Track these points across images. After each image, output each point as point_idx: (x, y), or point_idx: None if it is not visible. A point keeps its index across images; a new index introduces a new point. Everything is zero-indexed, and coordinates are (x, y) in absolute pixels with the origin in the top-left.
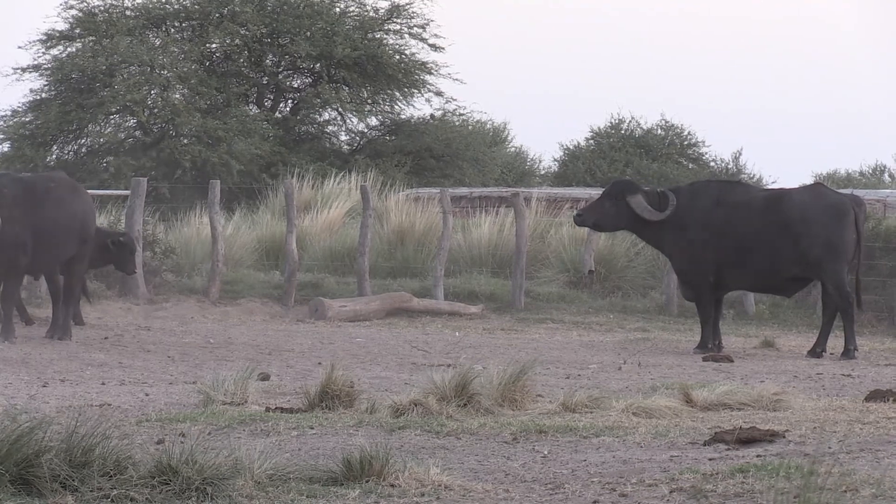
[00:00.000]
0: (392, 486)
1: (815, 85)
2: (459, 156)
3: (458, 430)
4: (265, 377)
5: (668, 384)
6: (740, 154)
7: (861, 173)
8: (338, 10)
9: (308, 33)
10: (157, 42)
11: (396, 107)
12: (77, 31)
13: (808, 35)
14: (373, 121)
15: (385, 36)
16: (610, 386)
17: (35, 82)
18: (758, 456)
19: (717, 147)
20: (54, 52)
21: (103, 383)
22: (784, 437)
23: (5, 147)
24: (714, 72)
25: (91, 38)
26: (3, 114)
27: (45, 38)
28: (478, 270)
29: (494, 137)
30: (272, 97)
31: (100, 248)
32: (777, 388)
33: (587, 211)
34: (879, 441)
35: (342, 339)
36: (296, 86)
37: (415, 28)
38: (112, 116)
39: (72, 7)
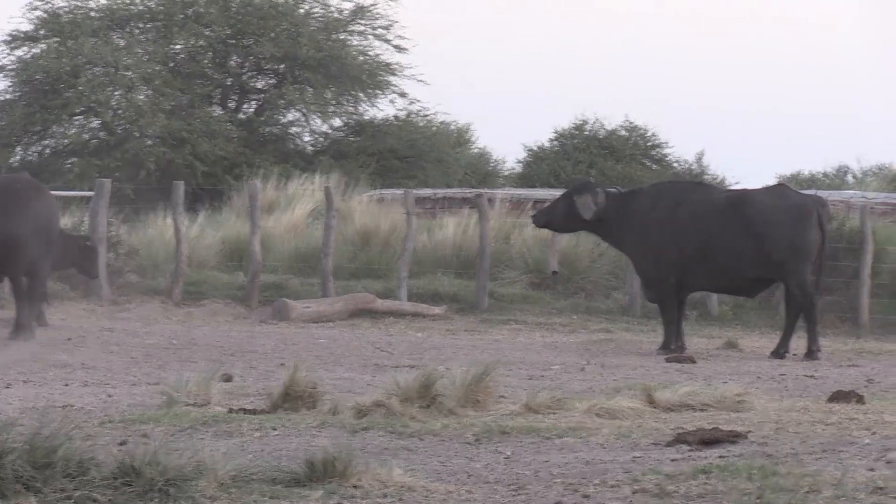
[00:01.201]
0: (355, 487)
1: (779, 86)
2: (423, 157)
3: (420, 431)
4: (228, 378)
5: (631, 385)
6: (703, 155)
7: (824, 174)
8: (302, 11)
9: (272, 34)
10: (122, 43)
11: (360, 108)
12: (41, 32)
13: (772, 36)
14: (336, 122)
15: (349, 37)
16: (573, 387)
17: None
18: (720, 457)
19: (681, 148)
20: (18, 53)
21: (66, 384)
22: (746, 437)
23: None
24: (678, 73)
25: (55, 39)
26: None
27: (9, 39)
28: (441, 271)
29: (458, 138)
30: (236, 98)
31: (64, 251)
32: (740, 389)
33: (542, 211)
34: (842, 442)
35: (305, 341)
36: (260, 87)
37: (379, 29)
38: (76, 117)
39: (36, 8)
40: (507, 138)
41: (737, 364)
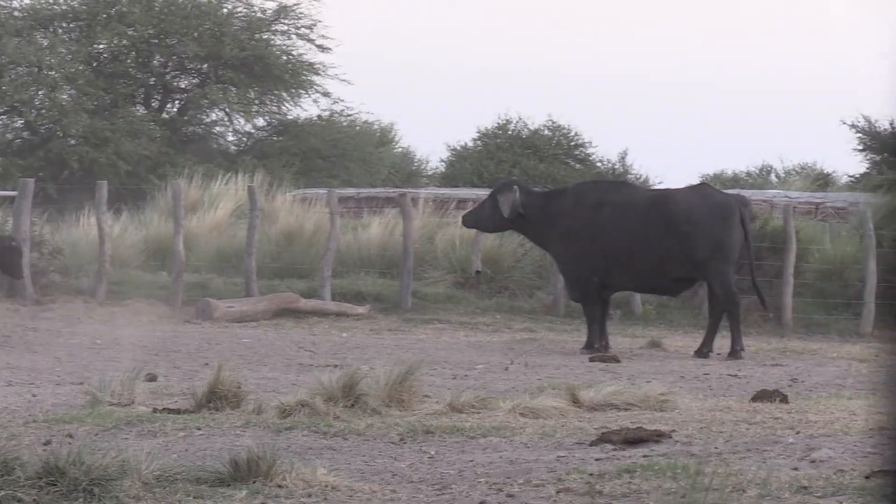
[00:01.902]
0: (279, 486)
1: (701, 85)
2: (347, 156)
3: (345, 430)
4: (152, 378)
5: (555, 384)
6: (626, 154)
7: (748, 174)
8: (225, 10)
9: (195, 34)
10: (45, 43)
11: (284, 107)
12: None
13: (691, 36)
14: (260, 121)
15: (272, 37)
16: (497, 386)
17: None
18: (644, 456)
19: (604, 147)
20: None
21: None
22: (671, 437)
23: None
24: (600, 72)
25: None
26: None
27: None
28: (365, 271)
29: (382, 138)
30: (159, 98)
31: None
32: (664, 389)
33: (471, 212)
34: (766, 441)
35: (229, 340)
36: (183, 86)
37: (302, 29)
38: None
39: None
40: (431, 138)
41: (661, 363)
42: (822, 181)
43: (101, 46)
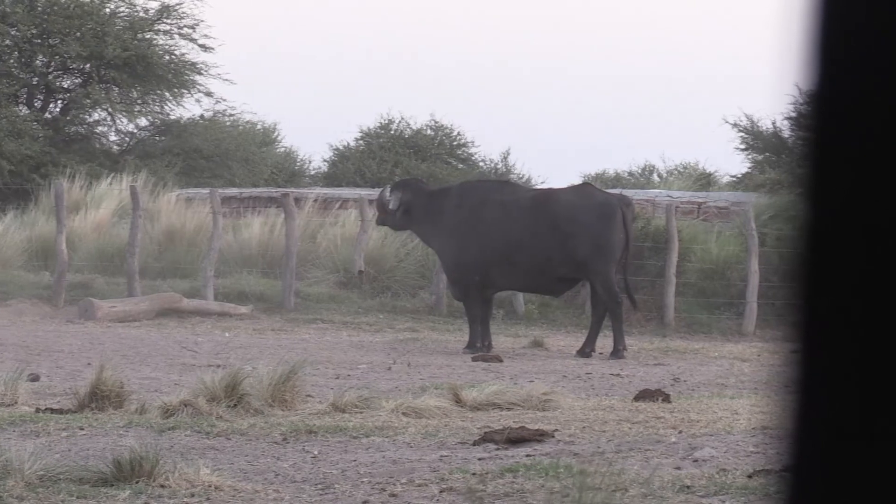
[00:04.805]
0: (162, 486)
1: (583, 85)
2: (229, 156)
3: (228, 430)
4: (35, 378)
5: (438, 384)
6: (508, 154)
7: (630, 173)
8: (108, 10)
9: (78, 34)
10: None
11: (166, 107)
12: None
13: (573, 35)
14: (143, 121)
15: (155, 36)
16: (380, 386)
17: None
18: (527, 456)
19: (486, 147)
20: None
21: None
22: (553, 436)
23: None
24: (481, 71)
25: None
26: None
27: None
28: (248, 271)
29: (265, 138)
30: (42, 98)
31: None
32: (546, 388)
33: (378, 213)
34: (649, 440)
35: (112, 340)
36: (66, 86)
37: (184, 28)
38: None
39: None
40: (314, 138)
41: (543, 363)
42: (704, 181)
43: None
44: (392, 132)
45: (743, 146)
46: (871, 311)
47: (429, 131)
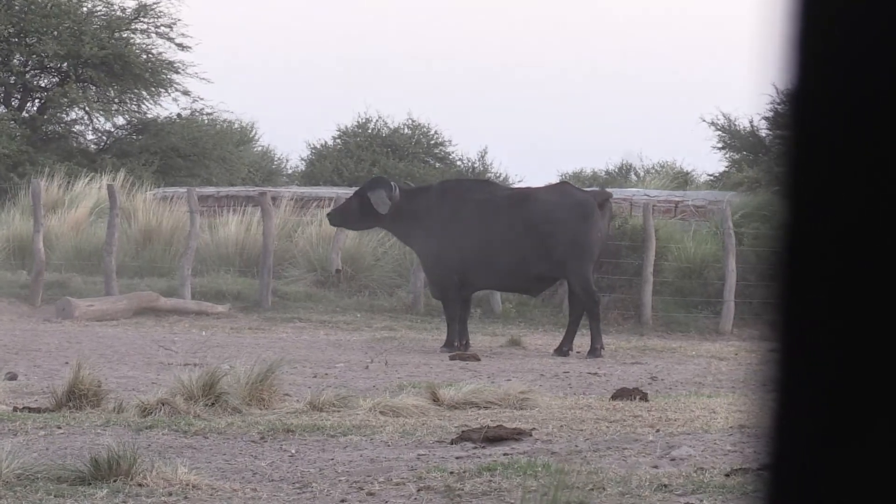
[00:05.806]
0: (140, 485)
1: (561, 84)
2: (207, 155)
3: (205, 429)
4: (12, 377)
5: (416, 383)
6: (486, 153)
7: (607, 172)
8: (85, 9)
9: (55, 33)
10: None
11: (143, 106)
12: None
13: (550, 34)
14: (120, 120)
15: (132, 35)
16: (357, 385)
17: None
18: (505, 454)
19: (464, 146)
20: None
21: None
22: (531, 435)
23: None
24: (459, 70)
25: None
26: None
27: None
28: (225, 270)
29: (242, 137)
30: (19, 97)
31: None
32: (524, 387)
33: (336, 210)
34: (626, 439)
35: (89, 339)
36: (43, 85)
37: (162, 27)
38: None
39: None
40: (291, 136)
41: (520, 362)
42: (682, 180)
43: None
44: (369, 131)
45: (720, 145)
46: (848, 309)
47: (406, 130)
